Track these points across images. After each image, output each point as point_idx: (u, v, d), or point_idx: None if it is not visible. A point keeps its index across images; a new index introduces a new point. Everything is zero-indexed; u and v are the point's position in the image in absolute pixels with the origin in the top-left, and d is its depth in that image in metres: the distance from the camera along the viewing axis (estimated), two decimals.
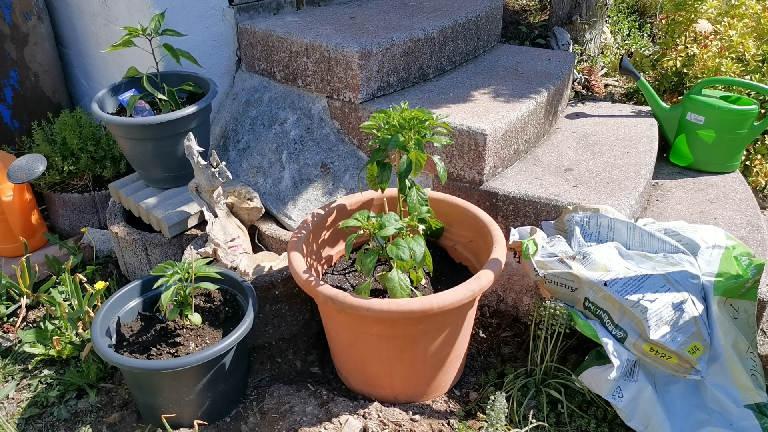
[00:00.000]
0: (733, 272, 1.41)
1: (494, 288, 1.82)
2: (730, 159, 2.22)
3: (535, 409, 1.46)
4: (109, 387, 1.63)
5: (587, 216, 1.62)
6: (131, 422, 1.51)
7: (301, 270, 1.39)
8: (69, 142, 2.19)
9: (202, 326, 1.52)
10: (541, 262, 1.50)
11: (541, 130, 2.17)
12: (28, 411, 1.56)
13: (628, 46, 3.29)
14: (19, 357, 1.74)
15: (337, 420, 1.42)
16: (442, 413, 1.51)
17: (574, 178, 1.89)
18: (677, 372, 1.34)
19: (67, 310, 1.71)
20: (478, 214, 1.60)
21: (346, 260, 1.71)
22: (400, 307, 1.27)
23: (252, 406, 1.53)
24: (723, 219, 1.89)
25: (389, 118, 1.37)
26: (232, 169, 2.15)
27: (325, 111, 2.14)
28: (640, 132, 2.24)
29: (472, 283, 1.32)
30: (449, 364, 1.51)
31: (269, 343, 1.76)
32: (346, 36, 2.10)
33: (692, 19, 2.60)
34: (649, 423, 1.36)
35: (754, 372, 1.39)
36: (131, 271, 2.00)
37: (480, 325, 1.81)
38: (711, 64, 2.47)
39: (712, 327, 1.38)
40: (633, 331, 1.34)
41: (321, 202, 1.99)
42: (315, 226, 1.59)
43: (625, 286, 1.36)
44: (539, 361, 1.50)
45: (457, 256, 1.70)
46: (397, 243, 1.31)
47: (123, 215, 2.05)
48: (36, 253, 2.15)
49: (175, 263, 1.44)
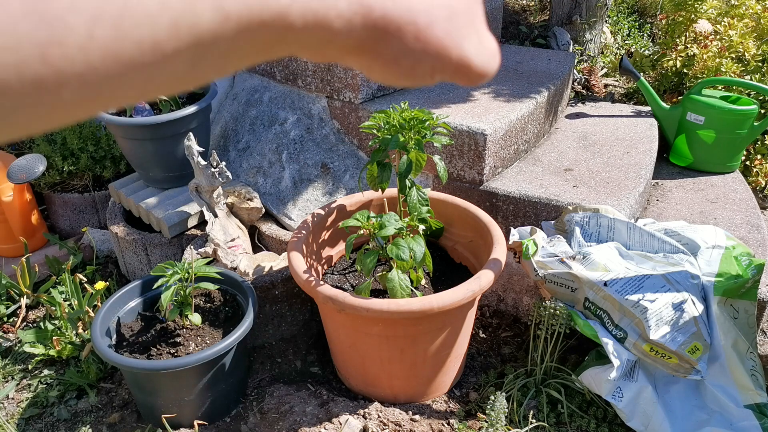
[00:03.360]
0: (733, 272, 1.41)
1: (494, 288, 1.82)
2: (730, 159, 2.22)
3: (535, 409, 1.46)
4: (109, 387, 1.63)
5: (587, 216, 1.62)
6: (131, 422, 1.51)
7: (301, 270, 1.39)
8: (69, 142, 2.19)
9: (202, 326, 1.52)
10: (541, 262, 1.50)
11: (541, 130, 2.17)
12: (28, 411, 1.56)
13: (628, 46, 3.29)
14: (19, 357, 1.74)
15: (337, 420, 1.42)
16: (442, 413, 1.51)
17: (574, 178, 1.89)
18: (677, 372, 1.34)
19: (67, 310, 1.70)
20: (478, 214, 1.60)
21: (346, 260, 1.71)
22: (400, 307, 1.27)
23: (252, 406, 1.53)
24: (723, 219, 1.89)
25: (389, 118, 1.37)
26: (232, 169, 2.15)
27: (325, 111, 2.14)
28: (640, 132, 2.24)
29: (472, 284, 1.32)
30: (449, 364, 1.51)
31: (269, 343, 1.76)
32: None
33: (692, 19, 2.60)
34: (649, 423, 1.36)
35: (754, 372, 1.39)
36: (131, 271, 2.00)
37: (480, 325, 1.81)
38: (711, 64, 2.47)
39: (712, 327, 1.38)
40: (633, 331, 1.34)
41: (321, 202, 1.99)
42: (315, 226, 1.59)
43: (625, 286, 1.36)
44: (539, 361, 1.50)
45: (457, 256, 1.70)
46: (397, 243, 1.31)
47: (123, 215, 2.05)
48: (36, 253, 2.15)
49: (175, 263, 1.44)
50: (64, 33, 0.16)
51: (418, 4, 0.24)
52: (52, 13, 0.15)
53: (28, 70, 0.15)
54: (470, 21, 0.26)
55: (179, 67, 0.19)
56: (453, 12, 0.25)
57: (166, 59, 0.18)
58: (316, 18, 0.21)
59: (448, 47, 0.25)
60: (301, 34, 0.21)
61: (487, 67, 0.28)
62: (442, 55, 0.26)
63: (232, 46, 0.20)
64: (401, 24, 0.23)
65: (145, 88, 0.19)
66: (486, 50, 0.28)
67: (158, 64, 0.18)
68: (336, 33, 0.22)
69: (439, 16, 0.25)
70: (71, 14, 0.16)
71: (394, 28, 0.23)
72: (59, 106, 0.17)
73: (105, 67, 0.17)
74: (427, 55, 0.25)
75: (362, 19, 0.22)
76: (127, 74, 0.17)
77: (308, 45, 0.22)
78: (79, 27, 0.16)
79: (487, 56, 0.28)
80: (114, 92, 0.18)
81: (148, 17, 0.17)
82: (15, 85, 0.15)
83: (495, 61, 0.29)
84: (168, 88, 0.19)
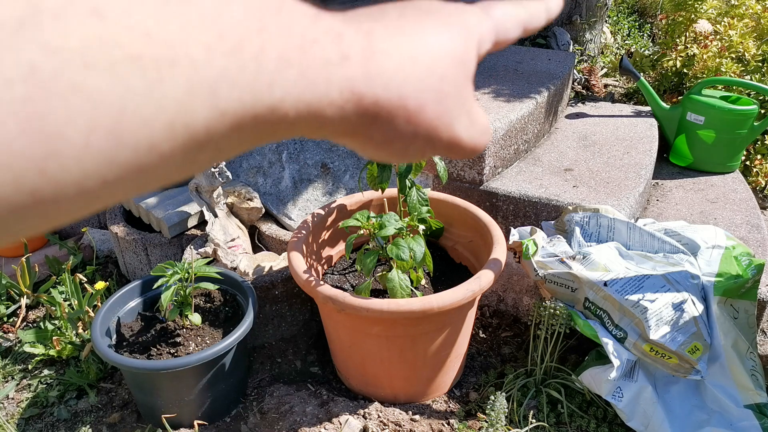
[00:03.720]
0: (733, 272, 1.41)
1: (494, 288, 1.82)
2: (730, 159, 2.22)
3: (535, 409, 1.46)
4: (109, 387, 1.63)
5: (587, 216, 1.62)
6: (131, 422, 1.51)
7: (301, 270, 1.39)
8: None
9: (202, 326, 1.52)
10: (541, 262, 1.50)
11: (541, 130, 2.17)
12: (28, 411, 1.56)
13: (628, 46, 3.28)
14: (19, 357, 1.74)
15: (337, 420, 1.42)
16: (442, 413, 1.51)
17: (574, 178, 1.89)
18: (677, 372, 1.34)
19: (67, 310, 1.70)
20: (478, 214, 1.60)
21: (346, 260, 1.71)
22: (400, 307, 1.27)
23: (252, 406, 1.53)
24: (723, 219, 1.89)
25: None
26: (232, 168, 2.15)
27: None
28: (640, 132, 2.24)
29: (472, 284, 1.32)
30: (449, 364, 1.51)
31: (269, 343, 1.76)
32: None
33: (692, 19, 2.60)
34: (649, 423, 1.36)
35: (754, 372, 1.39)
36: (131, 271, 2.00)
37: (480, 325, 1.81)
38: (711, 64, 2.47)
39: (712, 327, 1.38)
40: (633, 331, 1.34)
41: (321, 202, 1.99)
42: (315, 226, 1.59)
43: (625, 286, 1.36)
44: (539, 361, 1.50)
45: (457, 256, 1.70)
46: (397, 243, 1.31)
47: (123, 215, 2.05)
48: (36, 253, 2.15)
49: (175, 263, 1.44)
50: (61, 146, 0.16)
51: (409, 89, 0.24)
52: (48, 128, 0.15)
53: (25, 184, 0.16)
54: (461, 102, 0.27)
55: (175, 163, 0.19)
56: (443, 94, 0.26)
57: (163, 159, 0.18)
58: (309, 108, 0.21)
59: (439, 129, 0.26)
60: (294, 123, 0.22)
61: (478, 143, 0.29)
62: (432, 137, 0.26)
63: (226, 139, 0.20)
64: (392, 109, 0.24)
65: (141, 186, 0.19)
66: (476, 128, 0.29)
67: (154, 164, 0.18)
68: (328, 120, 0.23)
69: (430, 100, 0.25)
70: (67, 127, 0.16)
71: (386, 114, 0.24)
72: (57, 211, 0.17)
73: (102, 172, 0.17)
74: (418, 137, 0.26)
75: (354, 106, 0.23)
76: (124, 176, 0.18)
77: (300, 131, 0.23)
78: (75, 139, 0.16)
79: (477, 134, 0.29)
80: (111, 193, 0.18)
81: (144, 122, 0.17)
82: (13, 197, 0.16)
83: (486, 137, 0.30)
84: (163, 181, 0.20)
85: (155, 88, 0.17)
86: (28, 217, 0.17)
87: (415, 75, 0.24)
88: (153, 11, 0.17)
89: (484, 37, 0.28)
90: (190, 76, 0.18)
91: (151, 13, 0.17)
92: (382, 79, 0.23)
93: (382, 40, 0.24)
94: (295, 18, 0.21)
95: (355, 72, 0.22)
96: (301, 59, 0.21)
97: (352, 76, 0.22)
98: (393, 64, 0.24)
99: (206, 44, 0.18)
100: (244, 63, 0.19)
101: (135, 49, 0.16)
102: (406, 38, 0.24)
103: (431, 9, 0.27)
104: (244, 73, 0.19)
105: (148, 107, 0.17)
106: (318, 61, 0.21)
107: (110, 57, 0.16)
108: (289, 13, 0.21)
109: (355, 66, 0.22)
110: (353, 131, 0.24)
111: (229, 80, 0.19)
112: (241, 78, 0.19)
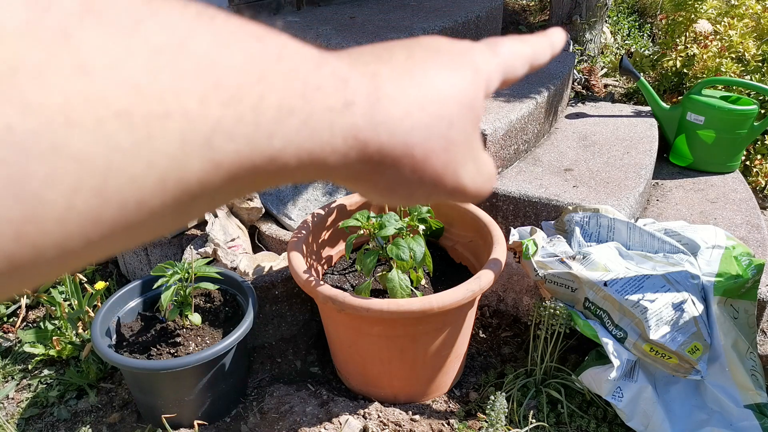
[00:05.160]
0: (733, 272, 1.41)
1: (494, 288, 1.82)
2: (730, 159, 2.22)
3: (535, 409, 1.46)
4: (109, 387, 1.63)
5: (587, 216, 1.62)
6: (131, 422, 1.51)
7: (301, 270, 1.39)
8: None
9: (202, 326, 1.52)
10: (541, 262, 1.50)
11: (541, 130, 2.17)
12: (28, 411, 1.56)
13: (628, 46, 3.29)
14: (19, 357, 1.74)
15: (337, 420, 1.42)
16: (442, 413, 1.51)
17: (574, 178, 1.89)
18: (677, 372, 1.34)
19: (67, 310, 1.71)
20: (478, 214, 1.60)
21: (346, 260, 1.71)
22: (400, 307, 1.27)
23: (252, 406, 1.53)
24: (723, 219, 1.89)
25: None
26: None
27: None
28: (640, 132, 2.24)
29: (472, 283, 1.32)
30: (449, 364, 1.51)
31: (269, 343, 1.76)
32: (346, 36, 2.10)
33: (692, 19, 2.60)
34: (649, 423, 1.36)
35: (754, 372, 1.39)
36: (131, 271, 2.00)
37: (480, 325, 1.81)
38: (711, 64, 2.47)
39: (712, 327, 1.38)
40: (633, 331, 1.34)
41: (321, 202, 1.99)
42: (315, 226, 1.59)
43: (625, 286, 1.36)
44: (539, 361, 1.50)
45: (457, 256, 1.70)
46: (397, 243, 1.31)
47: None
48: None
49: (175, 263, 1.44)
50: (41, 209, 0.15)
51: (416, 137, 0.23)
52: (26, 192, 0.14)
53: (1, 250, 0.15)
54: (468, 148, 0.26)
55: (165, 217, 0.18)
56: (451, 142, 0.25)
57: (152, 214, 0.17)
58: (311, 157, 0.21)
59: (445, 177, 0.26)
60: (295, 171, 0.21)
61: (482, 190, 0.29)
62: (438, 185, 0.26)
63: (221, 190, 0.19)
64: (397, 158, 0.23)
65: (129, 242, 0.18)
66: (482, 176, 0.28)
67: (142, 219, 0.17)
68: (331, 167, 0.22)
69: (437, 148, 0.24)
70: (48, 190, 0.15)
71: (390, 162, 0.23)
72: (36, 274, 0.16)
73: (85, 232, 0.16)
74: (424, 185, 0.25)
75: (358, 153, 0.22)
76: (110, 234, 0.17)
77: (302, 178, 0.22)
78: (57, 201, 0.15)
79: (482, 182, 0.28)
80: (96, 251, 0.17)
81: (132, 180, 0.16)
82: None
83: (490, 184, 0.29)
84: (153, 236, 0.19)
85: (145, 145, 0.16)
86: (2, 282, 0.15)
87: (422, 122, 0.23)
88: (144, 62, 0.16)
89: (492, 77, 0.28)
90: (183, 129, 0.17)
91: (141, 64, 0.16)
92: (388, 126, 0.22)
93: (389, 83, 0.23)
94: (298, 63, 0.20)
95: (359, 119, 0.21)
96: (303, 107, 0.20)
97: (356, 123, 0.21)
98: (399, 110, 0.23)
99: (201, 94, 0.17)
100: (242, 113, 0.18)
101: (123, 104, 0.15)
102: (415, 82, 0.24)
103: (440, 48, 0.26)
104: (242, 124, 0.18)
105: (137, 165, 0.16)
106: (321, 109, 0.20)
107: (96, 114, 0.15)
108: (291, 59, 0.20)
109: (359, 112, 0.21)
110: (356, 177, 0.24)
111: (225, 132, 0.18)
112: (238, 129, 0.18)
